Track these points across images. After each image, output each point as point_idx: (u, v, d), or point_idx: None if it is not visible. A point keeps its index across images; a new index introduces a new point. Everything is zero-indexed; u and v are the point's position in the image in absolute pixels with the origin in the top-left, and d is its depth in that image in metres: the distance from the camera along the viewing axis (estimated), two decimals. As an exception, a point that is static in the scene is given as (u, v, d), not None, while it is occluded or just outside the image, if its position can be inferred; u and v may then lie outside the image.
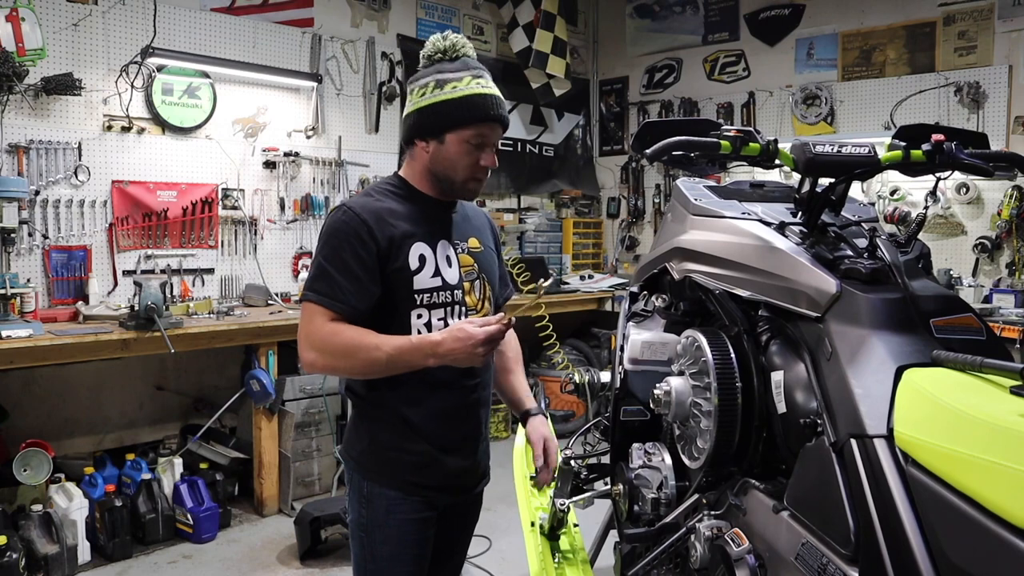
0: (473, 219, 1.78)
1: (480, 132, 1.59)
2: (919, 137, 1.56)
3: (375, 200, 1.63)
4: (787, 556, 1.22)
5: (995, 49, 4.37)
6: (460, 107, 1.58)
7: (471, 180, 1.63)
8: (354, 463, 1.70)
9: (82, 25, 3.62)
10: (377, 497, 1.64)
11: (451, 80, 1.60)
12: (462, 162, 1.61)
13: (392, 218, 1.60)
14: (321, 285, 1.56)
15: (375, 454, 1.65)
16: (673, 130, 1.60)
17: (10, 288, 3.12)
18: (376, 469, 1.65)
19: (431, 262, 1.61)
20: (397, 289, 1.59)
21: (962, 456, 0.97)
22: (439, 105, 1.59)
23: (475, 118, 1.58)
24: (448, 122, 1.59)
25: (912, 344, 1.23)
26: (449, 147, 1.60)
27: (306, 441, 3.87)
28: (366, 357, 1.51)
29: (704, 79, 5.68)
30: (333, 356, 1.53)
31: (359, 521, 1.67)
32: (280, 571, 3.23)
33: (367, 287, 1.56)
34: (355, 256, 1.56)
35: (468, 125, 1.58)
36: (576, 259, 6.02)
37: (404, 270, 1.59)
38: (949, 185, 4.32)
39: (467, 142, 1.59)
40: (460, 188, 1.65)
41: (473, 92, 1.59)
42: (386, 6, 4.91)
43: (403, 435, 1.63)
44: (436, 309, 1.62)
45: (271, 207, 4.35)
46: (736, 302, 1.59)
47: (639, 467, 1.73)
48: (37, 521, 3.10)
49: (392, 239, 1.58)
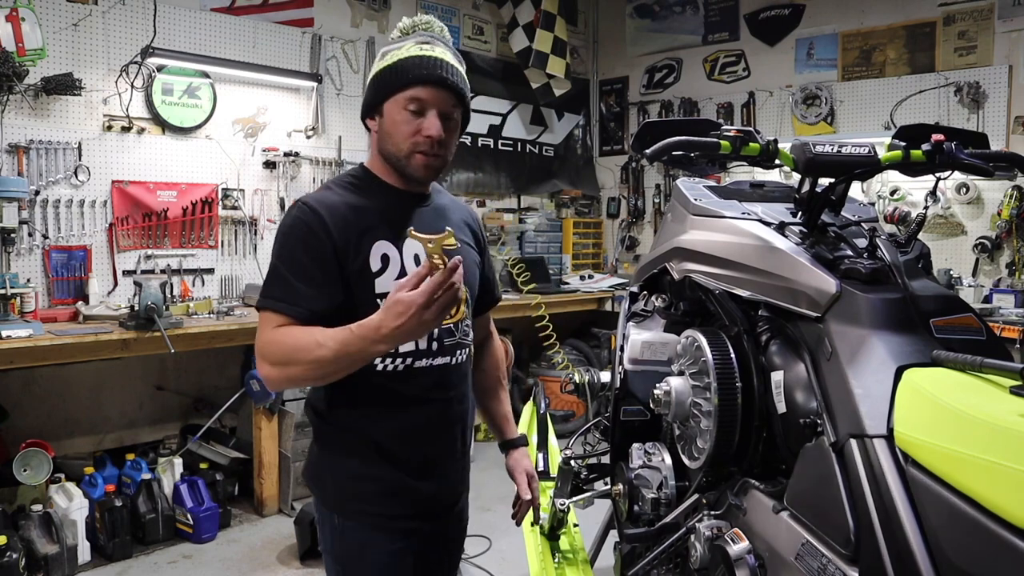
0: (450, 213, 1.60)
1: (415, 95, 1.42)
2: (919, 137, 1.56)
3: (333, 194, 1.47)
4: (787, 556, 1.22)
5: (995, 49, 4.37)
6: (394, 71, 1.44)
7: (415, 153, 1.44)
8: (319, 493, 1.54)
9: (82, 25, 3.63)
10: (349, 530, 1.49)
11: (391, 51, 1.47)
12: (400, 131, 1.43)
13: (351, 213, 1.43)
14: (275, 290, 1.41)
15: (340, 485, 1.50)
16: (673, 130, 1.60)
17: (10, 288, 3.12)
18: (343, 502, 1.50)
19: (395, 262, 1.45)
20: (357, 294, 1.42)
21: (962, 456, 0.97)
22: (376, 76, 1.47)
23: (409, 80, 1.42)
24: (384, 90, 1.45)
25: (912, 344, 1.23)
26: (388, 118, 1.45)
27: (306, 441, 3.85)
28: (309, 357, 1.31)
29: (704, 79, 5.68)
30: (280, 364, 1.35)
31: (333, 552, 1.52)
32: (280, 571, 3.23)
33: (325, 289, 1.40)
34: (310, 256, 1.40)
35: (402, 88, 1.42)
36: (576, 259, 6.02)
37: (364, 272, 1.42)
38: (949, 185, 4.32)
39: (405, 109, 1.42)
40: (407, 165, 1.46)
41: (410, 55, 1.44)
42: (386, 6, 4.91)
43: (369, 460, 1.48)
44: None
45: (271, 207, 4.35)
46: (736, 302, 1.59)
47: (639, 467, 1.72)
48: (37, 521, 3.10)
49: (350, 236, 1.42)
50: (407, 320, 1.22)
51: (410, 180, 1.51)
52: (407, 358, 1.46)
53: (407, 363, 1.47)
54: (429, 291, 1.21)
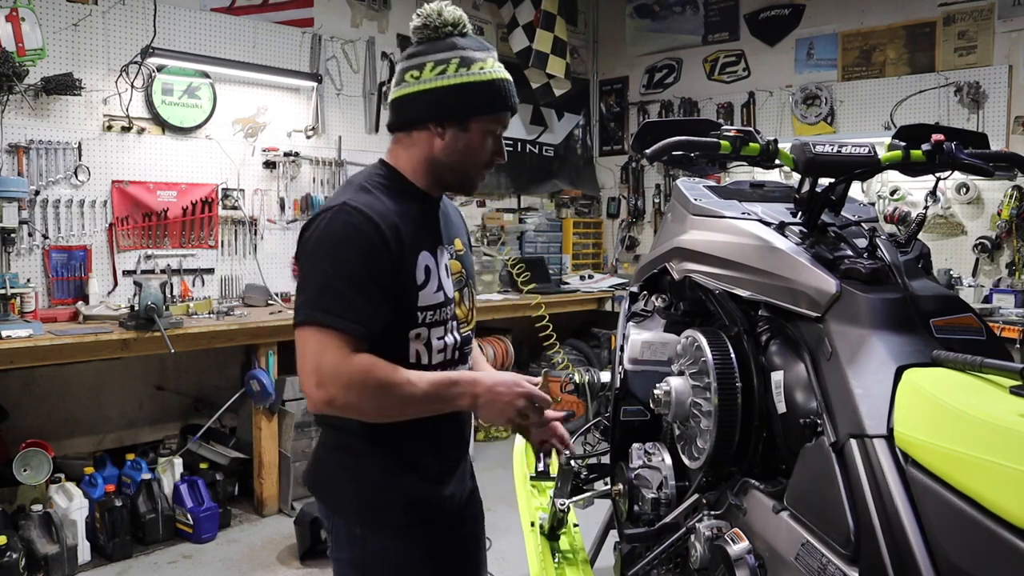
0: (452, 215, 1.58)
1: (503, 121, 1.45)
2: (919, 137, 1.56)
3: (375, 199, 1.37)
4: (787, 556, 1.22)
5: (995, 49, 4.37)
6: (491, 92, 1.40)
7: (481, 175, 1.47)
8: (332, 502, 1.48)
9: (82, 25, 3.62)
10: (371, 539, 1.44)
11: (477, 60, 1.40)
12: (482, 154, 1.43)
13: (399, 222, 1.36)
14: (331, 303, 1.28)
15: (361, 497, 1.43)
16: (673, 130, 1.60)
17: (10, 288, 3.12)
18: (366, 512, 1.44)
19: (435, 274, 1.41)
20: (400, 305, 1.36)
21: (962, 456, 0.97)
22: (468, 87, 1.39)
23: (503, 105, 1.42)
24: (477, 107, 1.40)
25: (912, 344, 1.23)
26: (473, 135, 1.41)
27: (306, 441, 3.86)
28: (401, 394, 1.28)
29: (704, 79, 5.68)
30: (361, 393, 1.27)
31: (350, 562, 1.45)
32: (280, 571, 3.23)
33: (381, 306, 1.32)
34: (368, 268, 1.30)
35: (497, 112, 1.42)
36: (576, 259, 6.02)
37: (410, 284, 1.37)
38: (949, 185, 4.32)
39: (491, 132, 1.43)
40: (467, 181, 1.47)
41: (502, 76, 1.42)
42: (386, 6, 4.91)
43: (392, 471, 1.43)
44: (436, 327, 1.42)
45: (271, 207, 4.35)
46: (736, 302, 1.59)
47: (639, 467, 1.72)
48: (37, 521, 3.10)
49: (402, 248, 1.35)
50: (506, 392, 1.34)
51: (459, 193, 1.53)
52: (437, 369, 1.44)
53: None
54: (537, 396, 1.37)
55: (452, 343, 1.47)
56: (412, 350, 1.40)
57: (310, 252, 1.35)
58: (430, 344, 1.42)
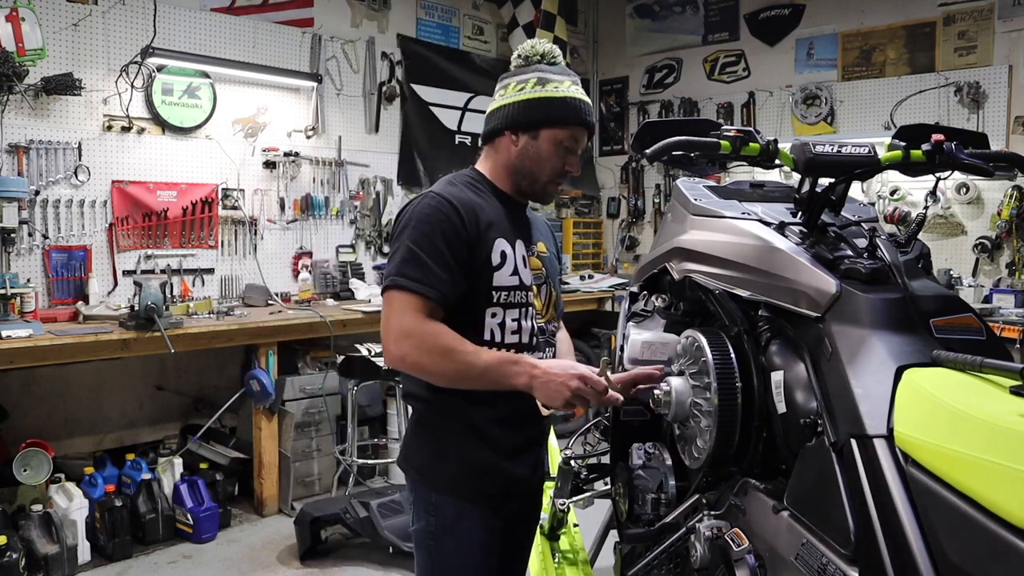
0: (540, 225, 1.79)
1: (574, 135, 1.60)
2: (919, 137, 1.56)
3: (458, 190, 1.59)
4: (787, 556, 1.22)
5: (995, 49, 4.37)
6: (560, 106, 1.59)
7: (553, 183, 1.64)
8: (416, 474, 1.65)
9: (82, 25, 3.63)
10: (445, 505, 1.60)
11: (553, 80, 1.60)
12: (551, 162, 1.61)
13: (478, 209, 1.57)
14: (412, 270, 1.48)
15: (439, 465, 1.61)
16: (673, 130, 1.59)
17: (10, 288, 3.12)
18: (442, 480, 1.61)
19: (511, 260, 1.59)
20: (477, 284, 1.55)
21: (962, 456, 0.97)
22: (540, 101, 1.59)
23: (573, 120, 1.60)
24: (546, 119, 1.59)
25: (912, 344, 1.23)
26: (542, 144, 1.60)
27: (306, 441, 3.87)
28: (463, 360, 1.45)
29: (704, 79, 5.68)
30: (430, 353, 1.45)
31: (427, 530, 1.62)
32: (280, 571, 3.23)
33: (458, 278, 1.51)
34: (447, 243, 1.50)
35: (565, 125, 1.59)
36: (576, 259, 6.02)
37: (487, 265, 1.56)
38: (949, 185, 4.32)
39: (560, 143, 1.60)
40: (540, 189, 1.65)
41: (574, 95, 1.60)
42: (386, 6, 4.91)
43: (468, 442, 1.59)
44: (511, 309, 1.59)
45: (271, 207, 4.35)
46: (736, 302, 1.59)
47: (639, 467, 1.72)
48: (37, 521, 3.10)
49: (480, 230, 1.55)
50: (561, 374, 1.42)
51: (535, 200, 1.69)
52: (511, 349, 1.58)
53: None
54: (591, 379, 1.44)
55: (528, 328, 1.62)
56: (487, 327, 1.57)
57: (399, 231, 1.55)
58: (504, 324, 1.58)
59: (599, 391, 1.45)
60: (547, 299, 1.71)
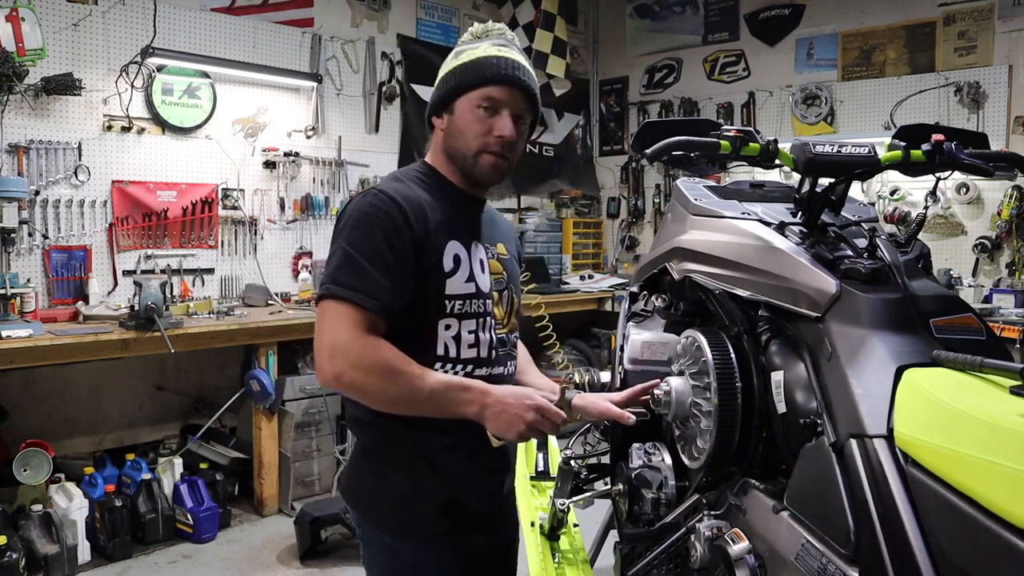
0: (499, 224, 1.62)
1: (488, 94, 1.40)
2: (919, 137, 1.56)
3: (405, 186, 1.42)
4: (787, 556, 1.22)
5: (995, 49, 4.37)
6: (469, 70, 1.42)
7: (484, 153, 1.42)
8: (363, 511, 1.47)
9: (82, 25, 3.62)
10: (400, 548, 1.43)
11: (467, 50, 1.46)
12: (471, 130, 1.41)
13: (427, 208, 1.40)
14: (348, 277, 1.31)
15: (388, 503, 1.43)
16: (673, 130, 1.59)
17: (10, 288, 3.12)
18: (394, 521, 1.43)
19: (465, 264, 1.42)
20: (427, 291, 1.38)
21: (962, 456, 0.97)
22: (449, 73, 1.45)
23: (484, 79, 1.41)
24: (457, 88, 1.43)
25: (912, 344, 1.23)
26: (459, 115, 1.43)
27: (306, 441, 3.86)
28: (407, 383, 1.28)
29: (704, 79, 5.68)
30: (368, 373, 1.28)
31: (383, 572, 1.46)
32: (280, 571, 3.23)
33: (402, 283, 1.34)
34: (389, 245, 1.33)
35: (476, 87, 1.41)
36: (576, 259, 6.02)
37: (437, 270, 1.38)
38: (949, 185, 4.32)
39: (478, 107, 1.41)
40: (474, 165, 1.44)
41: (484, 55, 1.43)
42: (386, 6, 4.91)
43: (419, 475, 1.42)
44: (467, 320, 1.42)
45: (271, 207, 4.35)
46: (736, 302, 1.59)
47: (639, 467, 1.72)
48: (37, 521, 3.10)
49: (428, 231, 1.37)
50: (516, 404, 1.29)
51: (474, 181, 1.48)
52: (468, 365, 1.43)
53: (467, 370, 1.43)
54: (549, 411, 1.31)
55: (487, 341, 1.46)
56: (441, 342, 1.40)
57: (337, 232, 1.39)
58: (460, 337, 1.41)
59: (556, 423, 1.31)
60: (509, 307, 1.54)
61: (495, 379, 1.46)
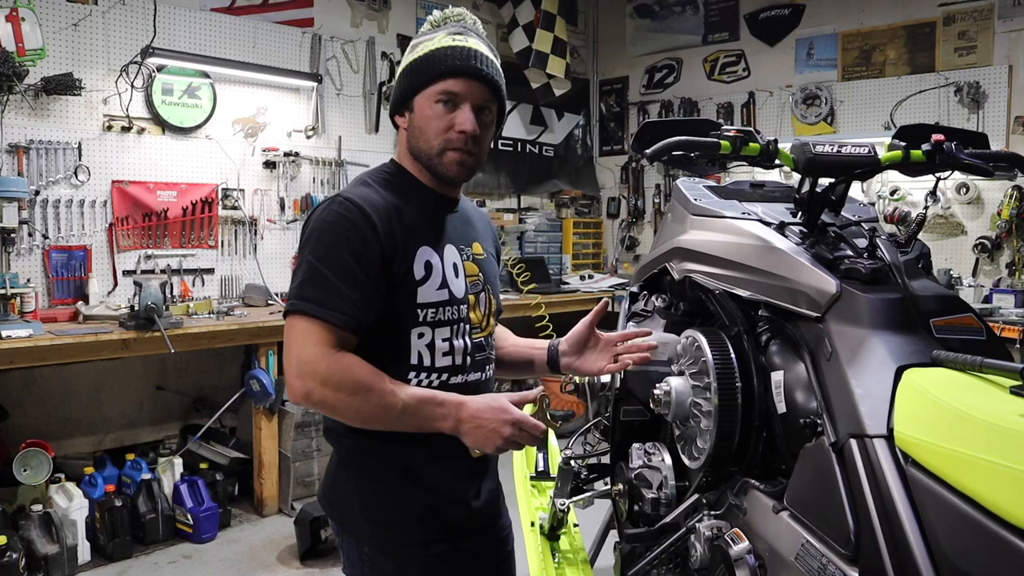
0: (476, 221, 1.55)
1: (447, 88, 1.33)
2: (919, 137, 1.56)
3: (373, 191, 1.36)
4: (787, 556, 1.22)
5: (995, 49, 4.37)
6: (425, 63, 1.35)
7: (448, 150, 1.35)
8: (342, 522, 1.44)
9: (82, 25, 3.62)
10: (381, 560, 1.40)
11: (422, 43, 1.38)
12: (432, 127, 1.35)
13: (396, 214, 1.34)
14: (315, 292, 1.27)
15: (368, 514, 1.39)
16: (673, 130, 1.59)
17: (10, 288, 3.12)
18: (373, 532, 1.39)
19: (438, 271, 1.37)
20: (398, 301, 1.33)
21: (962, 456, 0.97)
22: (406, 70, 1.38)
23: (439, 72, 1.34)
24: (415, 84, 1.36)
25: (912, 344, 1.23)
26: (418, 113, 1.37)
27: (306, 441, 3.86)
28: (379, 400, 1.25)
29: (704, 79, 5.68)
30: (338, 391, 1.24)
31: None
32: (280, 571, 3.23)
33: (371, 296, 1.29)
34: (356, 257, 1.28)
35: (432, 81, 1.34)
36: (576, 259, 6.02)
37: (408, 278, 1.33)
38: (949, 185, 4.33)
39: (436, 102, 1.34)
40: (439, 163, 1.37)
41: (441, 46, 1.35)
42: (386, 6, 4.91)
43: (398, 486, 1.38)
44: (441, 327, 1.38)
45: (271, 207, 4.35)
46: (736, 302, 1.59)
47: (639, 467, 1.72)
48: (37, 521, 3.10)
49: (396, 239, 1.32)
50: (492, 419, 1.26)
51: (442, 180, 1.42)
52: (443, 374, 1.39)
53: (442, 379, 1.39)
54: (527, 423, 1.27)
55: (462, 347, 1.41)
56: (414, 351, 1.36)
57: (303, 243, 1.34)
58: (434, 345, 1.37)
59: (535, 435, 1.28)
60: (486, 310, 1.49)
61: (471, 386, 1.42)
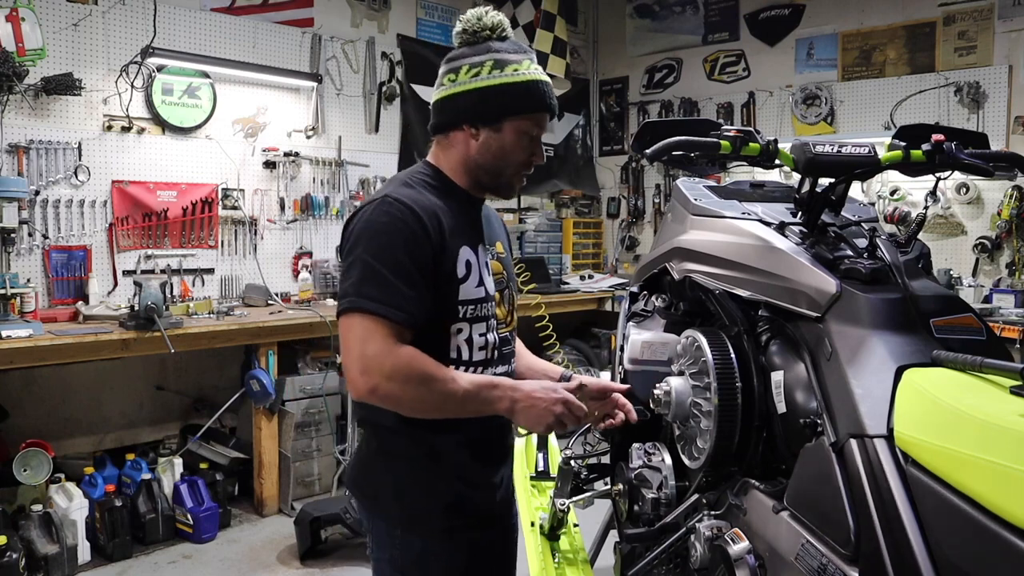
0: (494, 221, 1.61)
1: (539, 122, 1.45)
2: (919, 137, 1.56)
3: (418, 193, 1.41)
4: (787, 556, 1.22)
5: (995, 49, 4.37)
6: (524, 93, 1.42)
7: (518, 176, 1.48)
8: (373, 505, 1.49)
9: (82, 25, 3.62)
10: (410, 541, 1.45)
11: (512, 62, 1.44)
12: (516, 155, 1.44)
13: (441, 215, 1.40)
14: (374, 290, 1.30)
15: (399, 500, 1.45)
16: (673, 130, 1.60)
17: (10, 288, 3.12)
18: (404, 515, 1.45)
19: (476, 269, 1.44)
20: (442, 299, 1.39)
21: (962, 456, 0.97)
22: (501, 88, 1.42)
23: (538, 106, 1.43)
24: (509, 108, 1.42)
25: (912, 344, 1.23)
26: (506, 136, 1.43)
27: (306, 441, 3.86)
28: (442, 389, 1.30)
29: (704, 79, 5.68)
30: (405, 384, 1.28)
31: (392, 562, 1.47)
32: (280, 571, 3.23)
33: (424, 294, 1.34)
34: (411, 256, 1.33)
35: (530, 113, 1.43)
36: (576, 259, 6.02)
37: (452, 277, 1.40)
38: (949, 185, 4.32)
39: (525, 132, 1.43)
40: (506, 184, 1.48)
41: (536, 78, 1.44)
42: (386, 6, 4.91)
43: (430, 471, 1.45)
44: (478, 323, 1.44)
45: (271, 207, 4.35)
46: (736, 302, 1.59)
47: (639, 467, 1.72)
48: (37, 521, 3.10)
49: (444, 240, 1.38)
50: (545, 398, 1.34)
51: (497, 195, 1.52)
52: (477, 367, 1.45)
53: (476, 372, 1.45)
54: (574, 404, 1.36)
55: (492, 342, 1.48)
56: (453, 345, 1.42)
57: (353, 242, 1.37)
58: (471, 340, 1.43)
59: (579, 416, 1.37)
60: (510, 306, 1.57)
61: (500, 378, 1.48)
